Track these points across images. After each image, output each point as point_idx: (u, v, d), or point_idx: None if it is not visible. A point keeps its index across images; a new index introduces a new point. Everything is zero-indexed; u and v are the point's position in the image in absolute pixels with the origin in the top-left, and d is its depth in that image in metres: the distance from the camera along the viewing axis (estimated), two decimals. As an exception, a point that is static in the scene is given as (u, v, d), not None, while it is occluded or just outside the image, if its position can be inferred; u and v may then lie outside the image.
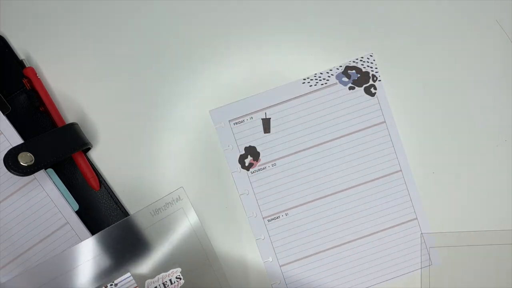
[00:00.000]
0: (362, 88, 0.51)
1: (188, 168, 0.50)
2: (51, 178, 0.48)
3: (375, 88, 0.51)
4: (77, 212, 0.48)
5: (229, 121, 0.50)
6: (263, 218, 0.50)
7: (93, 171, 0.48)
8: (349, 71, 0.51)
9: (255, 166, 0.51)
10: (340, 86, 0.51)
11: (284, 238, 0.50)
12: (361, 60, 0.51)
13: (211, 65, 0.51)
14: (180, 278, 0.44)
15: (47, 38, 0.50)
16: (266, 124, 0.51)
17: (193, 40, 0.51)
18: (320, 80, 0.51)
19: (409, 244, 0.51)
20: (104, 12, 0.51)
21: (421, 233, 0.52)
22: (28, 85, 0.48)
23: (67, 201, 0.48)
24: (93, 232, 0.48)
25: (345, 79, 0.51)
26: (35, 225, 0.47)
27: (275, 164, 0.51)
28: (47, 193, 0.48)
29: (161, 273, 0.44)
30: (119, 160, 0.50)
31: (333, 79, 0.51)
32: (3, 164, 0.43)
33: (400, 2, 0.53)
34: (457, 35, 0.54)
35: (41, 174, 0.48)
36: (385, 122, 0.51)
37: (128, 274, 0.44)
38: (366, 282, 0.51)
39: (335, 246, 0.51)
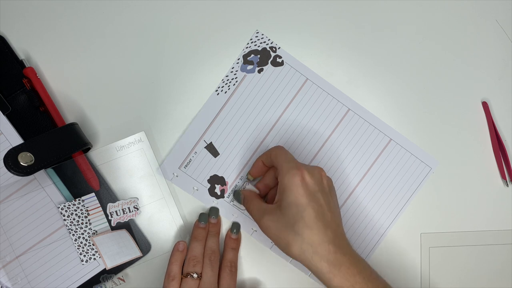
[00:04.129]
0: (269, 64, 0.51)
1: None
2: (51, 178, 0.48)
3: (279, 57, 0.51)
4: (77, 212, 0.48)
5: (179, 168, 0.50)
6: None
7: (93, 171, 0.48)
8: (248, 58, 0.51)
9: (227, 191, 0.51)
10: (250, 75, 0.51)
11: None
12: (252, 42, 0.52)
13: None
14: (137, 208, 0.49)
15: (47, 38, 0.50)
16: (212, 149, 0.50)
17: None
18: (230, 81, 0.51)
19: (400, 163, 0.52)
20: (104, 13, 0.51)
21: (421, 233, 0.52)
22: (28, 85, 0.48)
23: (67, 201, 0.48)
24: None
25: (249, 67, 0.51)
26: (35, 225, 0.47)
27: (242, 177, 0.51)
28: (47, 193, 0.48)
29: (121, 199, 0.49)
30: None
31: (240, 74, 0.51)
32: (3, 164, 0.43)
33: (400, 2, 0.53)
34: (457, 34, 0.54)
35: (41, 174, 0.48)
36: (308, 79, 0.52)
37: (93, 194, 0.48)
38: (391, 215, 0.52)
39: (340, 207, 0.51)
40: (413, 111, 0.53)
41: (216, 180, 0.51)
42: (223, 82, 0.51)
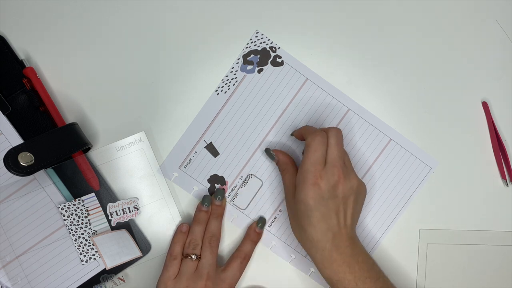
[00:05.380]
0: (269, 64, 0.51)
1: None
2: (51, 178, 0.48)
3: (279, 57, 0.52)
4: (77, 212, 0.48)
5: (179, 168, 0.50)
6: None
7: (93, 171, 0.48)
8: (248, 58, 0.51)
9: (227, 190, 0.51)
10: (250, 75, 0.51)
11: (291, 231, 0.50)
12: (252, 42, 0.52)
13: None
14: (137, 208, 0.49)
15: (47, 38, 0.50)
16: (212, 149, 0.51)
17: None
18: (230, 81, 0.51)
19: (400, 163, 0.52)
20: (104, 13, 0.51)
21: (420, 229, 0.52)
22: (28, 85, 0.48)
23: (67, 201, 0.48)
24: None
25: (249, 67, 0.51)
26: (35, 225, 0.47)
27: (242, 177, 0.51)
28: (47, 193, 0.48)
29: (121, 199, 0.49)
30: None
31: (240, 74, 0.51)
32: (3, 164, 0.43)
33: (400, 3, 0.53)
34: (457, 34, 0.54)
35: (41, 174, 0.48)
36: (308, 79, 0.52)
37: (93, 194, 0.48)
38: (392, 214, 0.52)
39: None
40: (413, 111, 0.53)
41: (216, 180, 0.51)
42: (223, 82, 0.51)
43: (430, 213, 0.52)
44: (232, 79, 0.51)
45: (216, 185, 0.51)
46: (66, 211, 0.47)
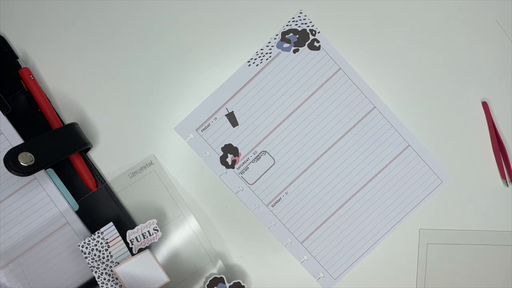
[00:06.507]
0: (306, 46, 0.52)
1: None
2: (51, 178, 0.48)
3: (317, 41, 0.52)
4: (77, 212, 0.48)
5: (196, 130, 0.50)
6: (266, 205, 0.51)
7: (90, 172, 0.48)
8: (286, 36, 0.52)
9: (238, 162, 0.51)
10: (284, 53, 0.51)
11: (294, 215, 0.51)
12: (293, 21, 0.52)
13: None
14: (158, 230, 0.47)
15: (47, 38, 0.50)
16: (232, 118, 0.51)
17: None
18: (264, 55, 0.51)
19: (414, 171, 0.52)
20: (103, 13, 0.51)
21: (420, 229, 0.52)
22: (25, 85, 0.48)
23: (67, 201, 0.48)
24: (92, 231, 0.48)
25: (286, 45, 0.51)
26: (35, 225, 0.47)
27: (255, 152, 0.51)
28: (47, 193, 0.48)
29: (139, 224, 0.47)
30: (119, 160, 0.50)
31: (275, 50, 0.51)
32: (3, 164, 0.43)
33: (402, 2, 0.53)
34: (457, 34, 0.54)
35: (41, 174, 0.48)
36: (340, 69, 0.52)
37: (111, 224, 0.47)
38: (391, 221, 0.52)
39: (347, 201, 0.51)
40: (412, 111, 0.53)
41: (229, 150, 0.51)
42: (257, 54, 0.51)
43: (430, 213, 0.52)
44: (267, 53, 0.51)
45: (228, 154, 0.50)
46: (86, 248, 0.46)
